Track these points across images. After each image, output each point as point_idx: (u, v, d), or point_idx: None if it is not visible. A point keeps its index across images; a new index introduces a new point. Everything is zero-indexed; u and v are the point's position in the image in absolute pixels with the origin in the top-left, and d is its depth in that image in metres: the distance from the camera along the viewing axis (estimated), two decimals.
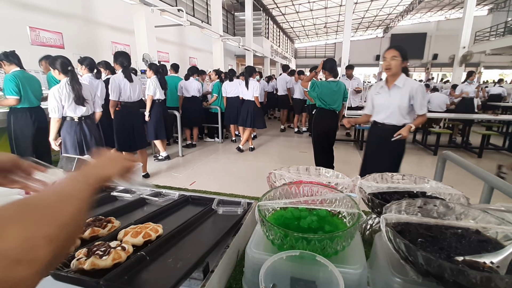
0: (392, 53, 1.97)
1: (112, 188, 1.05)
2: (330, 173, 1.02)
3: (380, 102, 2.15)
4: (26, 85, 2.91)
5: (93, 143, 2.63)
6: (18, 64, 2.93)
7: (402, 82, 2.03)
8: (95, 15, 6.69)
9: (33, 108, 3.01)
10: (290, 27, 21.85)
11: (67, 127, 2.53)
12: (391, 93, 2.07)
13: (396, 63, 1.96)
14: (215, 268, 0.62)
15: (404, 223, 0.62)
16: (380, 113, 2.16)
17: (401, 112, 2.07)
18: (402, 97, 2.03)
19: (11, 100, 2.82)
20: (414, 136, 6.36)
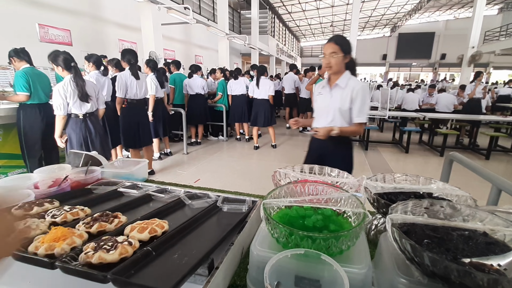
0: (331, 48, 1.62)
1: (118, 183, 1.06)
2: (335, 172, 1.02)
3: (321, 104, 1.82)
4: (36, 81, 2.95)
5: (98, 139, 2.66)
6: (28, 61, 2.97)
7: (344, 81, 1.70)
8: (103, 13, 6.74)
9: (42, 104, 3.05)
10: (296, 25, 21.73)
11: (72, 124, 2.54)
12: (332, 93, 1.75)
13: (336, 60, 1.63)
14: (220, 264, 0.63)
15: (410, 224, 0.61)
16: (321, 118, 1.81)
17: (344, 117, 1.73)
18: (343, 99, 1.70)
19: (21, 96, 2.86)
20: (421, 137, 6.29)
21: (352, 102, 1.68)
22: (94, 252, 0.57)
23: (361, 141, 6.05)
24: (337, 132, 1.66)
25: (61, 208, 0.77)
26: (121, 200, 0.97)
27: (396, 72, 24.93)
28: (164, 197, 0.97)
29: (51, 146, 3.21)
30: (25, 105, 2.96)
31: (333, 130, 1.66)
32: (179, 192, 1.00)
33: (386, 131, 7.68)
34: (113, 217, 0.74)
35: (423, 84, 11.69)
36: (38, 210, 0.77)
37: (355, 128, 1.74)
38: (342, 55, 1.62)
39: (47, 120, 3.08)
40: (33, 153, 3.06)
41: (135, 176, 1.20)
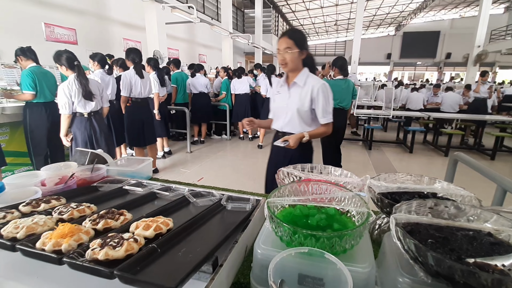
0: (285, 44, 1.48)
1: (124, 181, 1.07)
2: (339, 171, 1.02)
3: (279, 104, 1.67)
4: (42, 80, 2.99)
5: (102, 138, 2.69)
6: (34, 59, 3.00)
7: (303, 79, 1.57)
8: (108, 12, 6.78)
9: (47, 103, 3.08)
10: (300, 24, 21.66)
11: (77, 123, 2.56)
12: (290, 93, 1.61)
13: (291, 56, 1.49)
14: (224, 262, 0.63)
15: (414, 224, 0.61)
16: (279, 119, 1.67)
17: (303, 119, 1.60)
18: (303, 98, 1.57)
19: (27, 95, 2.90)
20: (425, 137, 6.25)
21: (313, 102, 1.57)
22: (101, 248, 0.58)
23: (365, 140, 6.03)
24: (307, 139, 1.54)
25: (68, 205, 0.78)
26: (127, 197, 0.98)
27: (400, 71, 24.75)
28: (168, 195, 0.98)
29: (57, 144, 3.25)
30: (31, 103, 2.99)
31: (303, 137, 1.54)
32: (184, 190, 1.00)
33: (390, 130, 7.64)
34: (119, 215, 0.75)
35: (428, 84, 11.60)
36: (45, 207, 0.79)
37: (323, 129, 1.63)
38: (297, 50, 1.49)
39: (53, 118, 3.12)
40: (39, 151, 3.10)
41: (139, 174, 1.21)
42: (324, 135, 1.67)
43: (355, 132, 6.94)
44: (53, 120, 3.12)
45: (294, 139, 1.51)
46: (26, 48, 2.96)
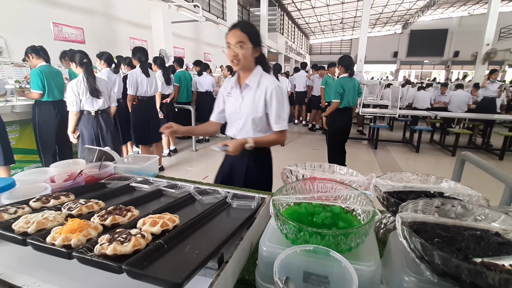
0: (238, 37, 1.27)
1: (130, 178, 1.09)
2: (344, 170, 1.02)
3: (231, 108, 1.45)
4: (51, 79, 3.03)
5: (109, 136, 2.74)
6: (46, 59, 3.06)
7: (256, 80, 1.37)
8: (114, 11, 6.84)
9: (56, 101, 3.13)
10: (305, 22, 21.55)
11: (85, 120, 2.63)
12: (243, 96, 1.40)
13: (245, 53, 1.29)
14: (229, 259, 0.64)
15: (421, 223, 0.61)
16: (233, 125, 1.47)
17: (257, 126, 1.40)
18: (256, 102, 1.37)
19: (35, 94, 2.95)
20: (432, 136, 6.18)
21: (267, 106, 1.37)
22: (109, 244, 0.59)
23: (370, 139, 5.98)
24: (251, 145, 1.34)
25: (77, 201, 0.80)
26: (134, 194, 0.99)
27: (407, 70, 24.46)
28: (174, 192, 0.99)
29: (65, 141, 3.30)
30: (40, 102, 3.04)
31: (247, 142, 1.33)
32: (189, 188, 1.01)
33: (396, 130, 7.56)
34: (126, 211, 0.76)
35: (435, 82, 11.44)
36: (54, 202, 0.80)
37: (274, 137, 1.42)
38: (251, 46, 1.30)
39: (61, 116, 3.17)
40: (48, 148, 3.15)
41: (146, 172, 1.23)
42: (275, 144, 1.47)
43: (361, 131, 6.89)
44: (61, 118, 3.17)
45: (235, 144, 1.31)
46: (38, 47, 3.01)
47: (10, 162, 2.77)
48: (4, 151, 2.65)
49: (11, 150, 2.80)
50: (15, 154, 3.00)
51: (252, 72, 1.38)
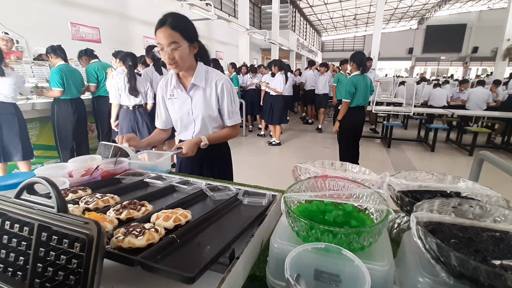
0: (169, 37, 1.15)
1: (144, 174, 1.11)
2: (357, 168, 1.00)
3: (179, 112, 1.35)
4: (69, 78, 3.15)
5: (145, 129, 3.02)
6: (64, 58, 3.18)
7: (202, 78, 1.28)
8: (129, 11, 6.98)
9: (74, 99, 3.24)
10: (317, 19, 21.26)
11: (123, 114, 2.94)
12: (191, 97, 1.31)
13: (182, 53, 1.17)
14: (240, 255, 0.64)
15: (436, 223, 0.60)
16: (186, 130, 1.39)
17: (214, 125, 1.37)
18: (208, 101, 1.31)
19: (56, 92, 3.07)
20: (448, 135, 5.99)
21: (218, 102, 1.32)
22: (124, 237, 0.61)
23: (383, 138, 5.86)
24: (205, 144, 1.30)
25: (93, 196, 0.82)
26: (147, 190, 1.02)
27: (422, 67, 23.75)
28: (187, 188, 1.01)
29: (82, 138, 3.43)
30: (59, 100, 3.15)
31: (201, 142, 1.28)
32: (201, 184, 1.03)
33: (410, 128, 7.37)
34: (140, 205, 0.78)
35: (452, 79, 11.06)
36: (72, 196, 0.83)
37: (227, 132, 1.39)
38: (187, 44, 1.18)
39: (79, 114, 3.28)
40: (66, 144, 3.27)
41: (159, 168, 1.25)
42: (229, 138, 1.44)
43: (374, 129, 6.76)
44: (79, 115, 3.28)
45: (189, 145, 1.25)
46: (56, 46, 3.12)
47: (29, 157, 2.89)
48: (24, 147, 2.77)
49: (30, 146, 2.92)
50: (35, 150, 3.12)
51: (195, 70, 1.28)
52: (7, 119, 2.65)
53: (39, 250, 0.52)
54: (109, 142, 1.21)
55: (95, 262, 0.47)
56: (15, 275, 0.53)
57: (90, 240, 0.48)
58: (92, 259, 0.47)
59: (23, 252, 0.55)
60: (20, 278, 0.53)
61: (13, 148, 2.71)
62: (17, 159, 2.77)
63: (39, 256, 0.52)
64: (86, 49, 3.80)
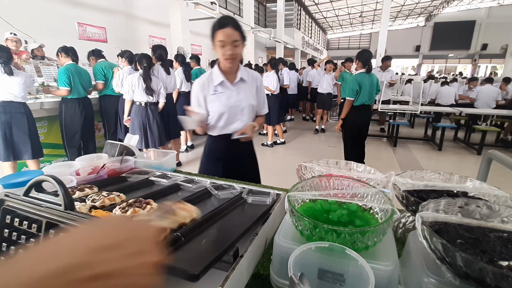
0: (233, 36, 1.30)
1: (150, 172, 1.12)
2: (362, 168, 1.00)
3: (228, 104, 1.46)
4: (76, 77, 3.20)
5: (155, 126, 3.10)
6: (74, 59, 3.25)
7: (246, 73, 1.49)
8: (135, 11, 7.03)
9: (81, 98, 3.29)
10: (323, 17, 21.11)
11: (135, 110, 3.02)
12: (237, 89, 1.46)
13: (240, 51, 1.37)
14: (244, 253, 0.64)
15: (442, 223, 0.59)
16: (234, 121, 1.48)
17: (254, 113, 1.55)
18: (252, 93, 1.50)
19: (63, 91, 3.11)
20: (456, 134, 5.90)
21: (257, 94, 1.54)
22: None
23: (390, 137, 5.80)
24: (257, 128, 1.50)
25: (100, 194, 0.84)
26: (152, 188, 1.02)
27: (430, 64, 23.39)
28: (191, 187, 1.01)
29: (89, 137, 3.48)
30: (66, 99, 3.20)
31: (255, 126, 1.47)
32: (206, 183, 1.03)
33: (417, 127, 7.28)
34: (146, 204, 0.78)
35: (461, 77, 10.86)
36: (79, 194, 0.85)
37: (262, 120, 1.62)
38: (243, 44, 1.36)
39: (86, 113, 3.32)
40: (73, 143, 3.32)
41: (164, 167, 1.26)
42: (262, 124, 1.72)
43: (383, 129, 6.66)
44: (86, 114, 3.33)
45: (251, 129, 1.44)
46: (69, 48, 3.20)
47: (39, 156, 2.94)
48: (33, 145, 2.82)
49: (40, 145, 2.98)
50: (44, 149, 3.18)
51: (239, 66, 1.47)
52: (16, 118, 2.69)
53: None
54: (116, 140, 1.22)
55: None
56: None
57: None
58: None
59: None
60: None
61: (23, 147, 2.77)
62: (27, 157, 2.82)
63: None
64: (94, 50, 3.85)
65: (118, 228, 0.28)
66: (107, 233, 0.27)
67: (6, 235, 0.58)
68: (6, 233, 0.58)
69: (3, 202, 0.59)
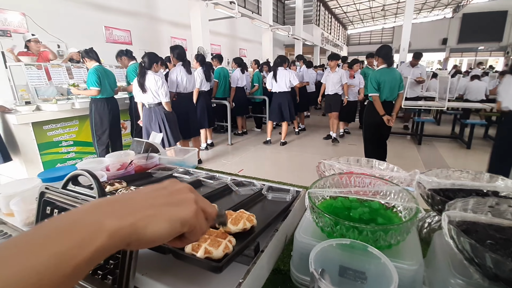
0: None
1: (173, 169, 1.17)
2: (384, 165, 0.97)
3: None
4: (105, 78, 3.37)
5: (156, 127, 3.14)
6: (96, 59, 3.38)
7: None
8: (157, 13, 7.25)
9: (109, 98, 3.47)
10: (343, 12, 20.59)
11: (143, 111, 3.17)
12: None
13: None
14: (265, 248, 0.66)
15: (471, 223, 0.57)
16: None
17: None
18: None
19: (93, 91, 3.29)
20: (486, 131, 5.56)
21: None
22: None
23: (414, 134, 5.58)
24: None
25: (128, 188, 0.88)
26: None
27: (458, 58, 22.10)
28: (213, 183, 1.04)
29: (116, 135, 3.66)
30: (96, 99, 3.38)
31: None
32: (226, 179, 1.06)
33: (443, 124, 6.93)
34: None
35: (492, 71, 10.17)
36: (110, 189, 0.90)
37: None
38: None
39: (113, 112, 3.49)
40: (102, 141, 3.50)
41: (186, 164, 1.30)
42: None
43: (406, 126, 6.41)
44: (113, 113, 3.50)
45: None
46: (88, 50, 3.33)
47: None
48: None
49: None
50: (75, 146, 3.39)
51: None
52: None
53: None
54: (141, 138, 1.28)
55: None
56: None
57: None
58: None
59: None
60: None
61: None
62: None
63: None
64: (126, 50, 4.00)
65: None
66: None
67: None
68: None
69: (44, 195, 0.64)
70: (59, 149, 3.42)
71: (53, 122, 3.32)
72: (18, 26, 4.58)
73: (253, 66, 6.09)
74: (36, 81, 3.44)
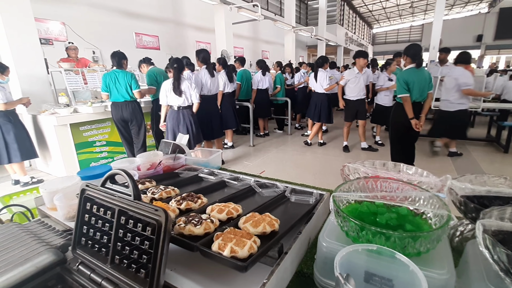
0: None
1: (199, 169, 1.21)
2: (412, 170, 0.94)
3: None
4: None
5: (184, 130, 3.20)
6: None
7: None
8: (183, 18, 7.51)
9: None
10: (368, 10, 19.99)
11: (170, 114, 3.19)
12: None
13: None
14: (289, 250, 0.66)
15: (508, 232, 0.54)
16: None
17: None
18: None
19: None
20: None
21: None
22: (185, 225, 0.68)
23: None
24: None
25: (158, 187, 0.93)
26: (201, 184, 1.10)
27: (495, 55, 20.53)
28: (237, 184, 1.07)
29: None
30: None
31: None
32: (250, 181, 1.08)
33: (478, 126, 6.48)
34: (197, 198, 0.85)
35: None
36: (141, 187, 0.95)
37: None
38: None
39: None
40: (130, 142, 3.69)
41: (210, 164, 1.34)
42: None
43: None
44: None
45: None
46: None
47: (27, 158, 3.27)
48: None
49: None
50: (107, 147, 3.60)
51: None
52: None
53: (119, 231, 0.61)
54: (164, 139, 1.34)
55: (163, 244, 0.54)
56: (101, 251, 0.64)
57: (159, 225, 0.56)
58: (161, 242, 0.55)
59: (106, 232, 0.65)
60: (104, 253, 0.64)
61: None
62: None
63: (119, 236, 0.61)
64: (145, 58, 4.22)
65: None
66: None
67: (87, 219, 0.68)
68: (87, 218, 0.68)
69: (85, 191, 0.70)
70: (93, 149, 3.64)
71: (88, 123, 3.55)
72: (58, 34, 4.96)
73: (275, 68, 6.10)
74: (74, 85, 3.70)
